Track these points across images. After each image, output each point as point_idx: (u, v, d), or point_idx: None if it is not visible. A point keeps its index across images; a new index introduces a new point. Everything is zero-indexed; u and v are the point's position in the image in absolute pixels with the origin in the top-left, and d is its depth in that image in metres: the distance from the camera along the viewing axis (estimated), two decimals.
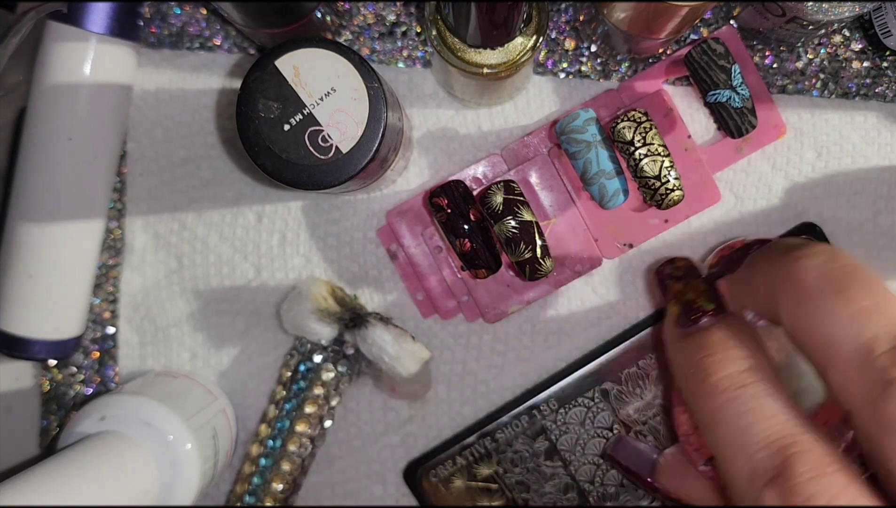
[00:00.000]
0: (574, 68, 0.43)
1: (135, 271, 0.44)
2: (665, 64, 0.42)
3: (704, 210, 0.42)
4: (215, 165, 0.43)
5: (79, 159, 0.40)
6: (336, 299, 0.41)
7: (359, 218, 0.43)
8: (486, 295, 0.42)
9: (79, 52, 0.39)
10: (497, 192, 0.38)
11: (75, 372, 0.44)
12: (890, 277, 0.43)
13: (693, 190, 0.41)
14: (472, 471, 0.43)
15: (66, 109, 0.39)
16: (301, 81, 0.33)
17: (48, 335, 0.40)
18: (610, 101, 0.41)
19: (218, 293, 0.44)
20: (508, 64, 0.35)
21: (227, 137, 0.43)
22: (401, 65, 0.43)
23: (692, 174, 0.41)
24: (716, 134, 0.43)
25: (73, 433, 0.37)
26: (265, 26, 0.37)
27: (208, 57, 0.43)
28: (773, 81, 0.43)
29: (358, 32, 0.43)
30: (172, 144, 0.44)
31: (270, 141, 0.33)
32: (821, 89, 0.43)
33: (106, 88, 0.40)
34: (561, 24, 0.43)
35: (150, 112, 0.43)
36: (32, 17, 0.38)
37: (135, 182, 0.44)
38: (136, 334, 0.44)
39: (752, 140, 0.42)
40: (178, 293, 0.44)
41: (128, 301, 0.44)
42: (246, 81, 0.33)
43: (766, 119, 0.41)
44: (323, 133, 0.33)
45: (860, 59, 0.43)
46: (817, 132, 0.43)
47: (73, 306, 0.41)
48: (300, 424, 0.42)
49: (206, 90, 0.43)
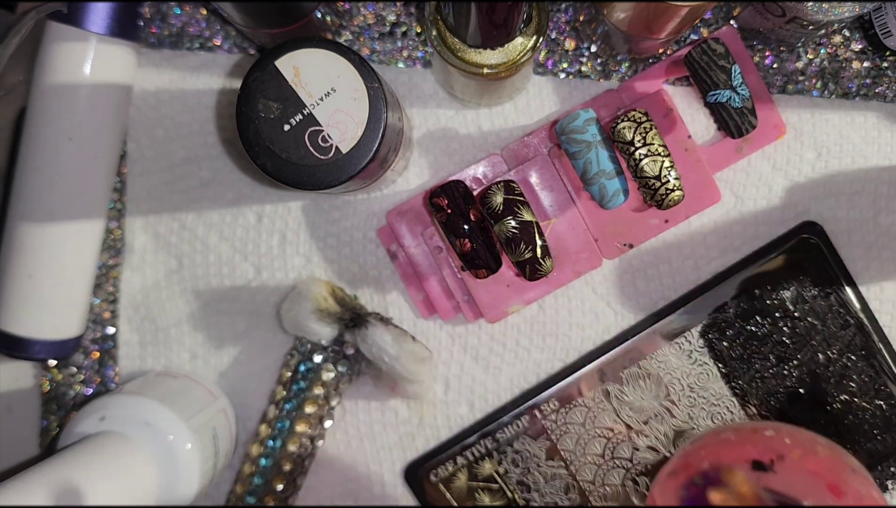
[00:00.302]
0: (574, 68, 0.43)
1: (135, 271, 0.44)
2: (665, 64, 0.42)
3: (704, 210, 0.42)
4: (215, 165, 0.43)
5: (79, 159, 0.39)
6: (336, 299, 0.41)
7: (359, 218, 0.43)
8: (486, 295, 0.42)
9: (79, 52, 0.39)
10: (497, 192, 0.38)
11: (75, 372, 0.44)
12: (890, 277, 0.43)
13: (693, 190, 0.41)
14: (472, 471, 0.43)
15: (66, 110, 0.39)
16: (301, 81, 0.33)
17: (48, 335, 0.40)
18: (610, 101, 0.41)
19: (218, 293, 0.44)
20: (508, 64, 0.35)
21: (227, 137, 0.43)
22: (401, 65, 0.43)
23: (692, 174, 0.41)
24: (716, 134, 0.42)
25: (73, 433, 0.37)
26: (265, 26, 0.37)
27: (208, 57, 0.43)
28: (773, 81, 0.43)
29: (358, 32, 0.43)
30: (172, 144, 0.44)
31: (270, 141, 0.33)
32: (821, 89, 0.43)
33: (106, 88, 0.40)
34: (561, 25, 0.43)
35: (150, 112, 0.43)
36: (32, 17, 0.38)
37: (135, 182, 0.44)
38: (136, 334, 0.44)
39: (752, 140, 0.42)
40: (178, 293, 0.44)
41: (128, 301, 0.44)
42: (246, 81, 0.33)
43: (766, 119, 0.41)
44: (323, 133, 0.33)
45: (860, 60, 0.43)
46: (817, 132, 0.43)
47: (73, 306, 0.41)
48: (300, 424, 0.42)
49: (206, 90, 0.43)
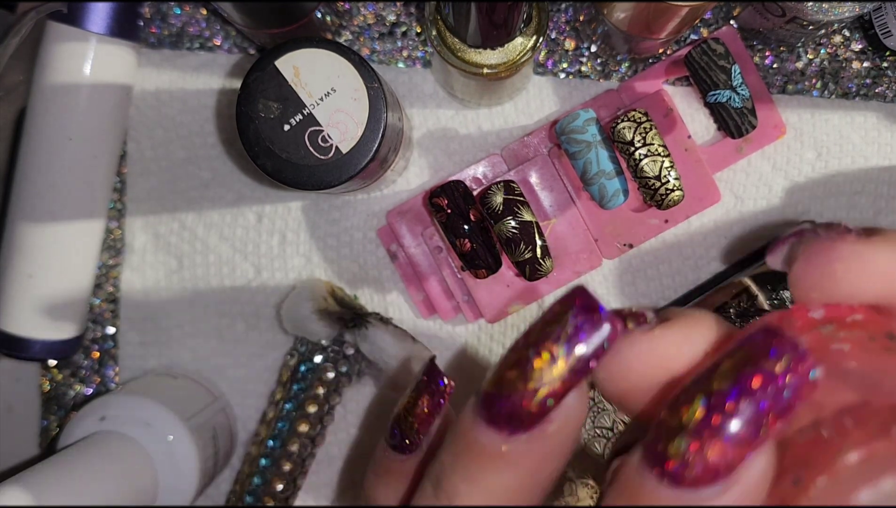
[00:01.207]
0: (574, 68, 0.43)
1: (135, 271, 0.44)
2: (665, 64, 0.42)
3: (704, 210, 0.42)
4: (215, 165, 0.43)
5: (79, 159, 0.39)
6: (336, 300, 0.41)
7: (359, 218, 0.43)
8: (486, 295, 0.42)
9: (79, 52, 0.39)
10: (497, 192, 0.38)
11: (75, 372, 0.44)
12: None
13: (693, 190, 0.41)
14: None
15: (66, 109, 0.39)
16: (301, 81, 0.33)
17: (48, 335, 0.40)
18: (610, 101, 0.41)
19: (218, 293, 0.44)
20: (508, 64, 0.35)
21: (227, 138, 0.43)
22: (401, 65, 0.43)
23: (692, 174, 0.41)
24: (716, 134, 0.42)
25: (73, 434, 0.37)
26: (265, 26, 0.37)
27: (208, 57, 0.43)
28: (773, 81, 0.43)
29: (358, 33, 0.43)
30: (172, 144, 0.44)
31: (270, 141, 0.33)
32: (821, 89, 0.43)
33: (106, 88, 0.40)
34: (561, 25, 0.43)
35: (150, 112, 0.43)
36: (32, 17, 0.38)
37: (135, 182, 0.44)
38: (137, 334, 0.44)
39: (752, 140, 0.42)
40: (178, 293, 0.44)
41: (128, 301, 0.44)
42: (246, 81, 0.33)
43: (766, 119, 0.41)
44: (323, 133, 0.33)
45: (860, 60, 0.43)
46: (817, 132, 0.43)
47: (73, 306, 0.41)
48: (300, 424, 0.42)
49: (206, 90, 0.43)
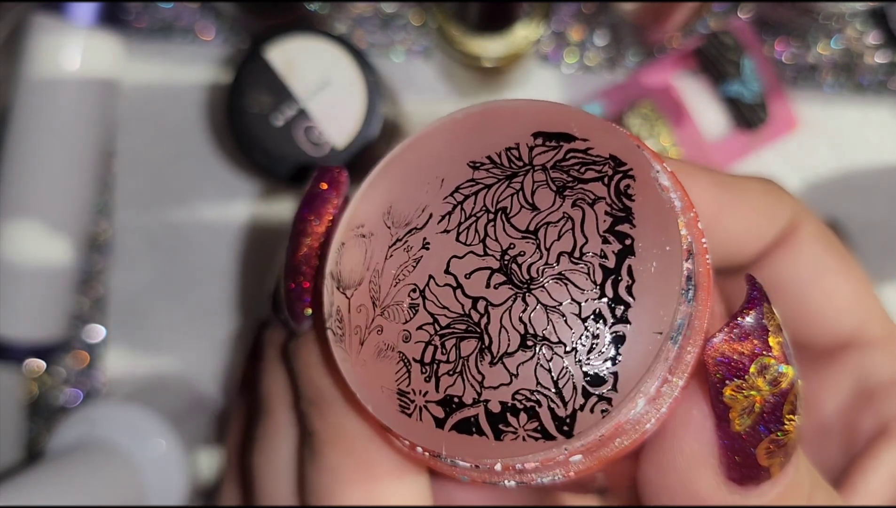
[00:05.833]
0: (580, 62, 0.42)
1: (124, 271, 0.43)
2: (674, 57, 0.41)
3: None
4: (207, 161, 0.42)
5: (62, 156, 0.39)
6: None
7: None
8: None
9: (64, 45, 0.38)
10: None
11: (63, 377, 0.43)
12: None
13: None
14: None
15: (50, 105, 0.38)
16: (294, 73, 0.31)
17: (29, 336, 0.40)
18: (617, 94, 0.40)
19: (210, 294, 0.43)
20: (510, 56, 0.34)
21: (218, 133, 0.42)
22: (399, 57, 0.42)
23: None
24: (725, 127, 0.41)
25: (61, 441, 0.36)
26: (258, 18, 0.36)
27: (199, 50, 0.42)
28: (785, 75, 0.42)
29: (354, 24, 0.42)
30: (162, 140, 0.43)
31: (262, 136, 0.32)
32: (833, 84, 0.42)
33: (91, 83, 0.39)
34: (566, 18, 0.41)
35: (140, 107, 0.42)
36: (16, 12, 0.37)
37: (124, 180, 0.43)
38: (126, 336, 0.43)
39: (764, 134, 0.41)
40: (169, 295, 0.43)
41: (117, 303, 0.43)
42: (237, 76, 0.32)
43: (778, 113, 0.40)
44: (317, 128, 0.31)
45: (874, 54, 0.42)
46: (831, 128, 0.42)
47: (55, 306, 0.40)
48: None
49: (196, 84, 0.42)
